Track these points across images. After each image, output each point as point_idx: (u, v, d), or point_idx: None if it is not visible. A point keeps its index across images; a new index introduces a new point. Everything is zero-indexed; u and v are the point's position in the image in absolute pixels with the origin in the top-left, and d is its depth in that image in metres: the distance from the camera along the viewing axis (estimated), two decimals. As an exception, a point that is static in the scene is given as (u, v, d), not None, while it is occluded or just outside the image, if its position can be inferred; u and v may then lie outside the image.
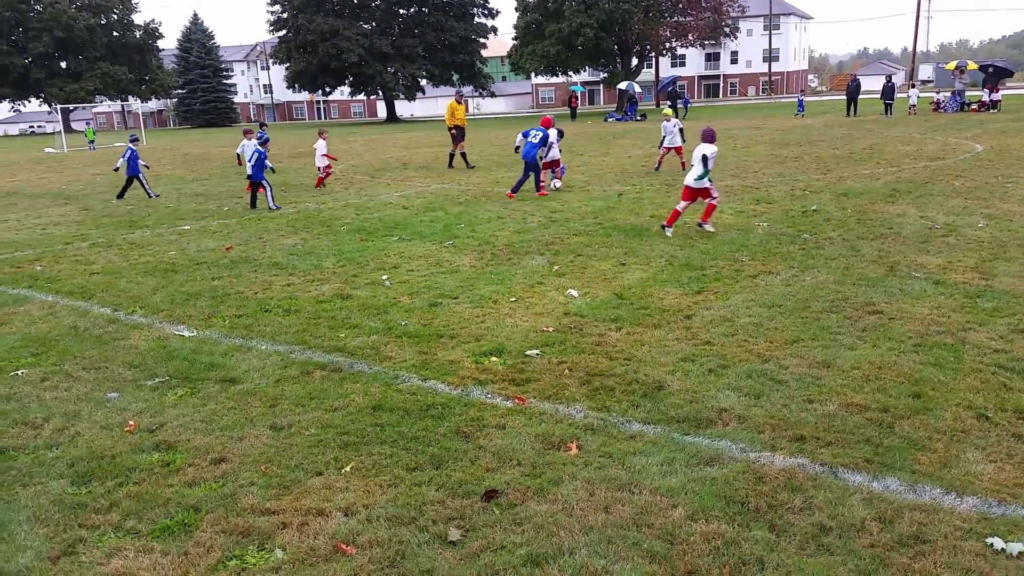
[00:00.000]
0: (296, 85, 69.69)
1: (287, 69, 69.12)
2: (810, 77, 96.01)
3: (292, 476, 4.06)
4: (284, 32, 67.42)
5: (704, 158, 9.80)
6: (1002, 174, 14.52)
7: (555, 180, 15.10)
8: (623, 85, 52.47)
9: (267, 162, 15.04)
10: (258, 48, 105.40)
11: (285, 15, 66.71)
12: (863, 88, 40.27)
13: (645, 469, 3.96)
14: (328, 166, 17.57)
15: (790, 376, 5.12)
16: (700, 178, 9.83)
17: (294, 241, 10.86)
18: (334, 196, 15.73)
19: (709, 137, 10.01)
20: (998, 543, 3.18)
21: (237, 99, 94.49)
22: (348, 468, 4.11)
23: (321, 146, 17.25)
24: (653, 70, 65.28)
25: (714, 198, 10.14)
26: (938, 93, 41.02)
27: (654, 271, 8.21)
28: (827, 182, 14.39)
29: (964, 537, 3.25)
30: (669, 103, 43.05)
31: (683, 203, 10.10)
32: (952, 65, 42.97)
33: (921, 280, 7.31)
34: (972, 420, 4.34)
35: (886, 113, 35.45)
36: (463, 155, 20.55)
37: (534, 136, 14.31)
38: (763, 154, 20.10)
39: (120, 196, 16.72)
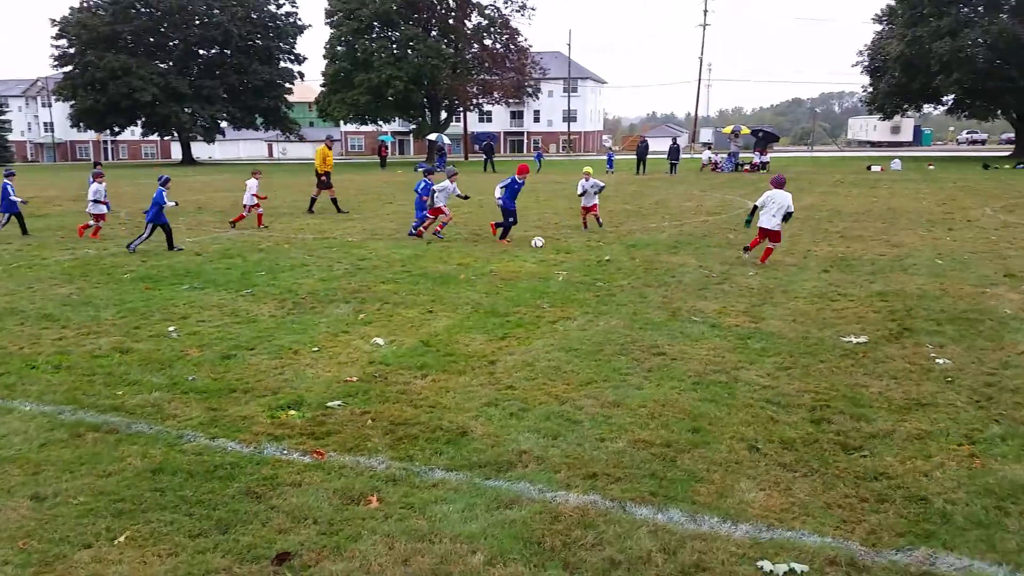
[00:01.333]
0: (81, 123, 64.60)
1: (72, 107, 63.93)
2: (604, 137, 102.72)
3: (56, 551, 3.63)
4: (71, 68, 62.48)
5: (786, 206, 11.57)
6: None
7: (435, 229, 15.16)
8: (432, 137, 53.42)
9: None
10: (39, 83, 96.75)
11: (72, 50, 61.93)
12: (651, 148, 43.78)
13: (446, 517, 3.92)
14: (256, 205, 17.09)
15: (584, 416, 5.32)
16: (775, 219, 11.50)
17: (69, 291, 9.91)
18: (116, 241, 14.59)
19: (781, 183, 12.02)
20: (767, 566, 3.45)
21: (12, 136, 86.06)
22: (122, 538, 3.74)
23: (252, 185, 16.92)
24: (461, 124, 67.02)
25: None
26: (716, 155, 45.31)
27: (460, 318, 8.30)
28: (619, 234, 15.34)
29: (739, 562, 3.50)
30: (486, 157, 44.48)
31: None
32: (728, 129, 47.77)
33: (700, 324, 7.93)
34: (744, 451, 4.72)
35: (671, 172, 38.69)
36: (334, 201, 20.45)
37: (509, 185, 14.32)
38: (563, 208, 21.10)
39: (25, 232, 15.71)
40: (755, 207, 12.06)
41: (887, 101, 56.69)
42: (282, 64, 68.95)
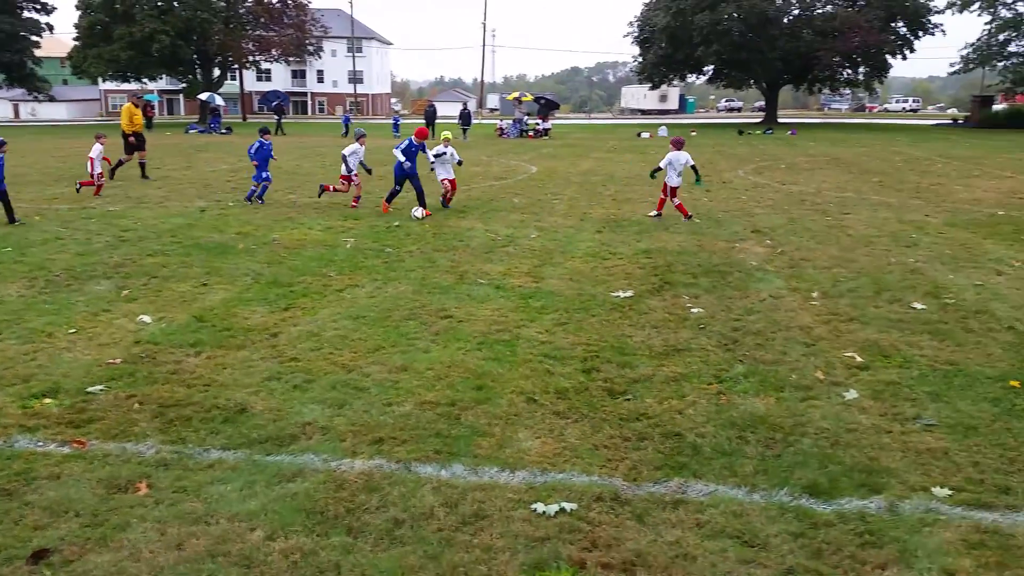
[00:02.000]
0: None
1: None
2: (393, 101, 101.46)
3: None
4: None
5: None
6: (551, 192, 16.90)
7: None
8: (204, 96, 50.02)
9: None
10: None
11: None
12: (439, 113, 43.91)
13: (223, 497, 3.80)
14: (101, 173, 15.59)
15: (371, 383, 5.34)
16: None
17: None
18: None
19: (680, 144, 13.11)
20: (540, 507, 3.68)
21: None
22: None
23: (98, 150, 15.34)
24: (237, 82, 63.28)
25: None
26: (502, 120, 46.38)
27: (239, 290, 7.95)
28: (409, 200, 15.32)
29: (515, 507, 3.71)
30: (277, 119, 42.20)
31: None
32: (513, 96, 48.96)
33: (485, 285, 8.17)
34: (523, 404, 4.97)
35: (463, 137, 39.04)
36: (142, 165, 18.49)
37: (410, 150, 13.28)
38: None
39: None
40: (658, 168, 13.28)
41: (655, 71, 60.74)
42: (26, 14, 61.19)
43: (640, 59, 62.25)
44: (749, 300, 7.71)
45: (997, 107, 59.25)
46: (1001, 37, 55.99)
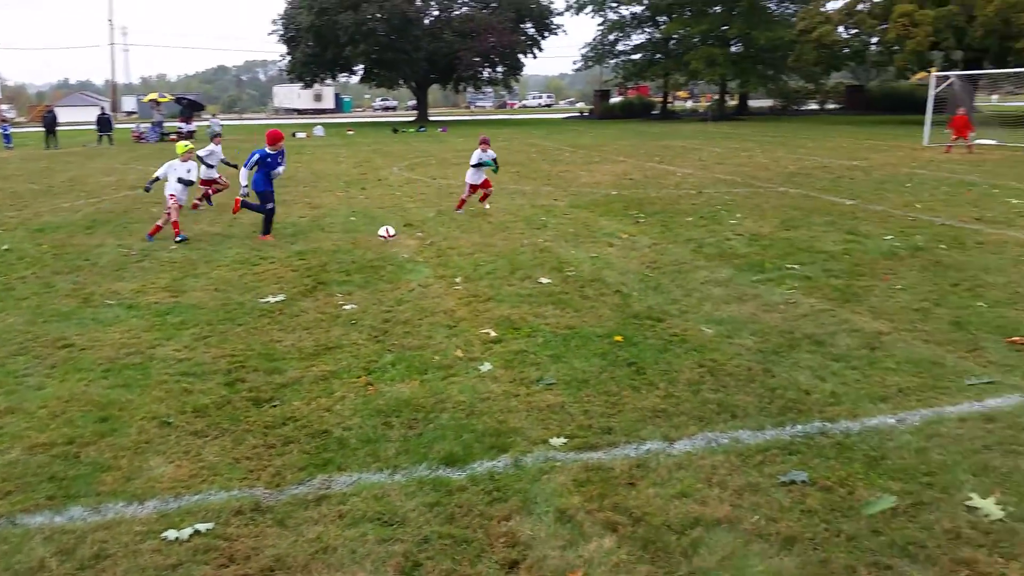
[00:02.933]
0: None
1: None
2: (4, 107, 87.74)
3: None
4: None
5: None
6: (196, 198, 15.86)
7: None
8: None
9: None
10: None
11: None
12: (65, 119, 39.03)
13: None
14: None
15: (-32, 434, 4.60)
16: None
17: None
18: None
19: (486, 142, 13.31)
20: (172, 534, 3.48)
21: None
22: None
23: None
24: None
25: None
26: (139, 125, 42.45)
27: None
28: (22, 218, 13.42)
29: (143, 540, 3.46)
30: None
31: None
32: (149, 98, 45.09)
33: (115, 306, 7.46)
34: (156, 429, 4.64)
35: (104, 142, 35.37)
36: None
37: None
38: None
39: None
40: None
41: (304, 70, 59.85)
42: None
43: (288, 58, 60.93)
44: (400, 291, 7.97)
45: (614, 100, 67.91)
46: (611, 37, 64.20)
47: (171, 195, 11.17)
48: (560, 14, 64.21)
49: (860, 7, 42.14)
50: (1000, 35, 34.67)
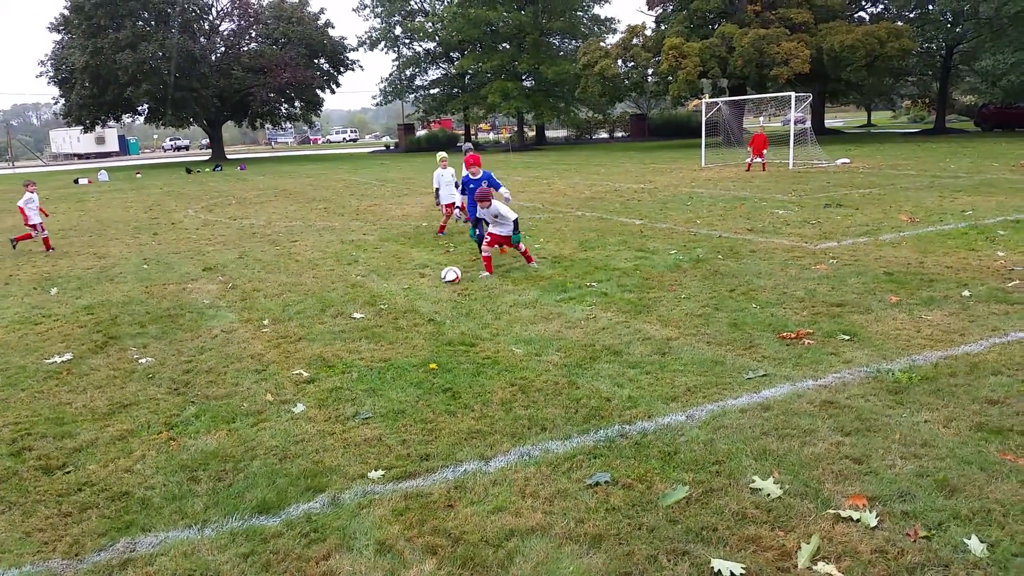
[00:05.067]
0: None
1: None
2: None
3: None
4: None
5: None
6: (-40, 257, 14.30)
7: None
8: None
9: None
10: None
11: None
12: None
13: None
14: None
15: None
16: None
17: None
18: None
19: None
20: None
21: None
22: None
23: (32, 200, 14.59)
24: None
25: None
26: None
27: None
28: None
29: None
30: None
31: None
32: None
33: None
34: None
35: None
36: None
37: None
38: None
39: None
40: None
41: (82, 112, 55.69)
42: None
43: (62, 100, 56.36)
44: (201, 339, 7.64)
45: (420, 133, 68.62)
46: (408, 73, 64.98)
47: None
48: (354, 50, 64.09)
49: (635, 41, 45.59)
50: (757, 64, 38.82)
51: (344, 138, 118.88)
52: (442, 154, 14.03)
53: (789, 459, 4.36)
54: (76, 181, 38.96)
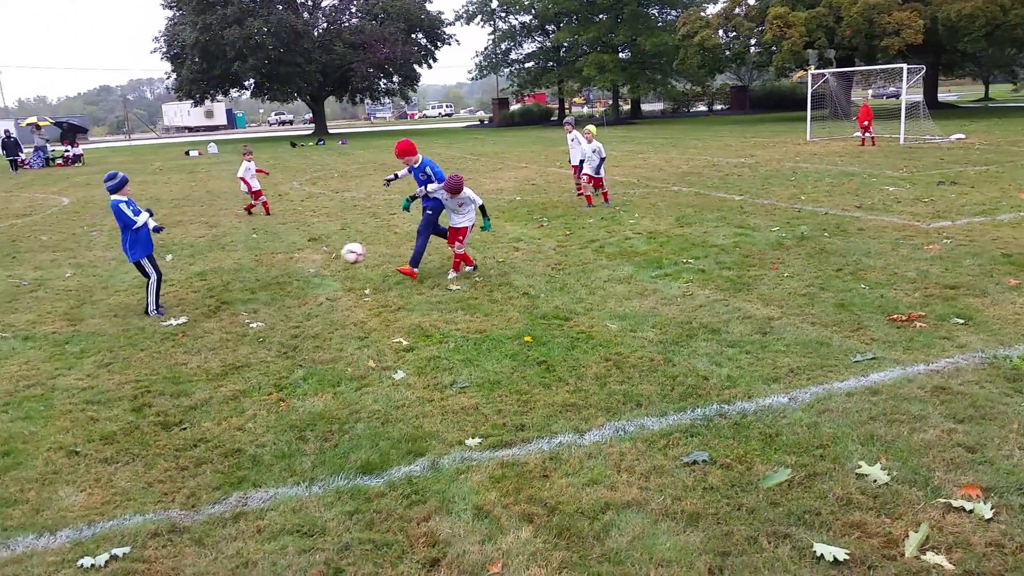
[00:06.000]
0: None
1: None
2: None
3: None
4: None
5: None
6: (88, 224, 15.28)
7: None
8: None
9: None
10: None
11: None
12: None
13: None
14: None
15: None
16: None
17: None
18: None
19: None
20: (88, 561, 3.42)
21: None
22: None
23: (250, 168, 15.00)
24: None
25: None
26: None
27: None
28: None
29: (58, 569, 3.39)
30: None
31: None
32: (28, 122, 42.82)
33: (9, 339, 7.16)
34: (63, 459, 4.52)
35: (14, 169, 33.35)
36: None
37: None
38: None
39: None
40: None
41: (192, 87, 58.10)
42: None
43: (174, 75, 58.99)
44: (308, 306, 7.93)
45: (513, 108, 68.67)
46: (503, 47, 64.92)
47: None
48: (451, 24, 64.39)
49: (737, 11, 44.07)
50: (866, 34, 36.94)
51: (440, 113, 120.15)
52: (590, 127, 14.05)
53: (897, 445, 4.21)
54: (187, 153, 40.83)
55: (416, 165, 9.54)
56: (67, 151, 37.87)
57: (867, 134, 23.78)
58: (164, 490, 4.11)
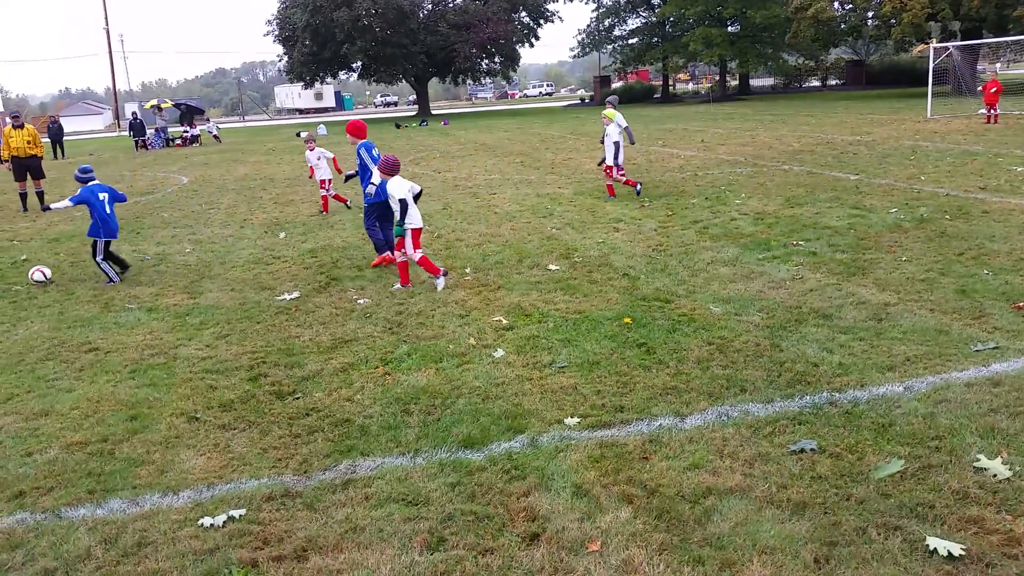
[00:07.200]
0: None
1: None
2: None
3: None
4: None
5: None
6: (206, 201, 16.09)
7: None
8: None
9: None
10: None
11: None
12: (69, 129, 39.41)
13: None
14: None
15: (5, 436, 4.78)
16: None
17: None
18: None
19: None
20: (207, 520, 3.64)
21: None
22: None
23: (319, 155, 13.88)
24: None
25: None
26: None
27: None
28: (37, 229, 13.64)
29: (181, 527, 3.62)
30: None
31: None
32: (150, 104, 45.33)
33: (135, 310, 7.64)
34: (184, 424, 4.81)
35: (138, 149, 36.05)
36: (22, 196, 16.47)
37: None
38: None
39: None
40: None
41: (304, 69, 59.96)
42: None
43: (286, 58, 61.06)
44: (411, 285, 8.11)
45: (615, 85, 67.75)
46: (606, 23, 64.03)
47: None
48: (555, 1, 63.98)
49: (856, -19, 41.98)
50: (996, 3, 34.44)
51: (540, 92, 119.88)
52: (606, 111, 13.03)
53: (1021, 439, 3.96)
54: (298, 134, 42.21)
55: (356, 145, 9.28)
56: (185, 131, 39.90)
57: (992, 111, 22.25)
58: (278, 456, 4.31)
